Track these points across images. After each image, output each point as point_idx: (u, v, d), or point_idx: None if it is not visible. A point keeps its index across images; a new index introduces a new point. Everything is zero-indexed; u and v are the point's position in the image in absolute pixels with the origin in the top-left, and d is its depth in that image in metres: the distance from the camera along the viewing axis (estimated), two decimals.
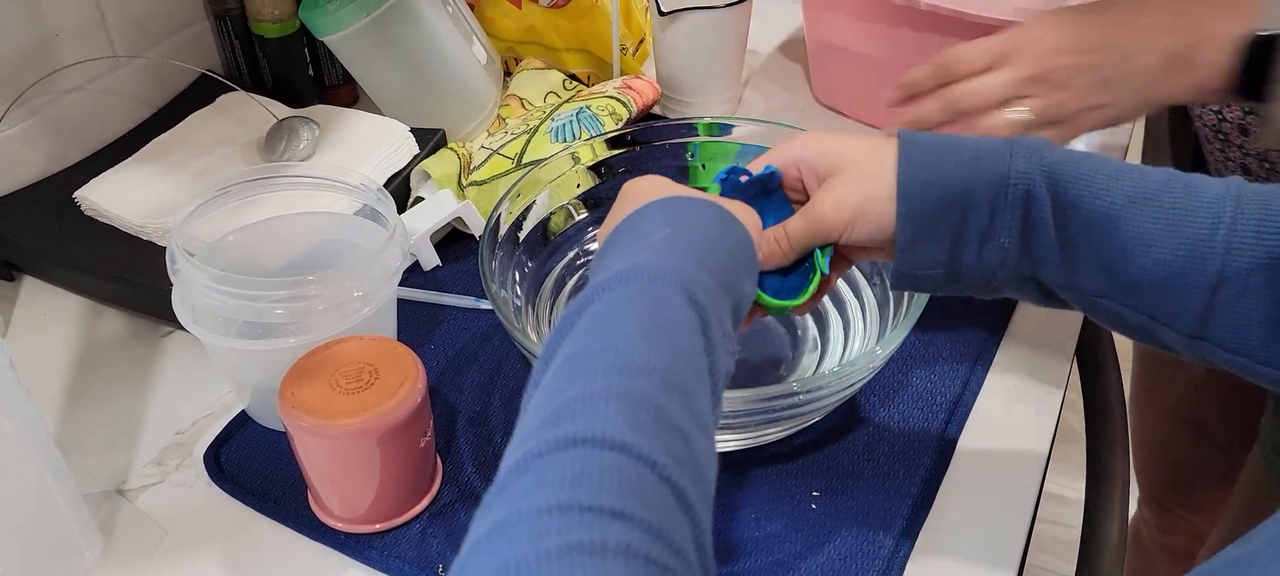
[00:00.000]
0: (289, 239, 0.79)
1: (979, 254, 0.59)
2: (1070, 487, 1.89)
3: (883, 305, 0.77)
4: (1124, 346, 0.95)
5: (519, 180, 0.80)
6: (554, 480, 0.39)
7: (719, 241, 0.55)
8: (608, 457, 0.40)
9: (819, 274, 0.64)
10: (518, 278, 0.80)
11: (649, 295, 0.49)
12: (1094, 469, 0.88)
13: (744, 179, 0.65)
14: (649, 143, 0.86)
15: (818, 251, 0.64)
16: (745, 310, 0.56)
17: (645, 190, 0.60)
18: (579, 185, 0.85)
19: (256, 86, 1.08)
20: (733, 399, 0.64)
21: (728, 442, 0.70)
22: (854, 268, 0.80)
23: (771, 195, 0.65)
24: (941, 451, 0.74)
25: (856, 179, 0.61)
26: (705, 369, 0.48)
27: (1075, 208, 0.57)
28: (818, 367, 0.78)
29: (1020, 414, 0.77)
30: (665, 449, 0.41)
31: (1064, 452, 1.15)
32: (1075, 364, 0.89)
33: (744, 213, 0.61)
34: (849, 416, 0.76)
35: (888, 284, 0.77)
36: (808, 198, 0.64)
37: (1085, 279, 0.59)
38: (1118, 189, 0.57)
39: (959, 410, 0.77)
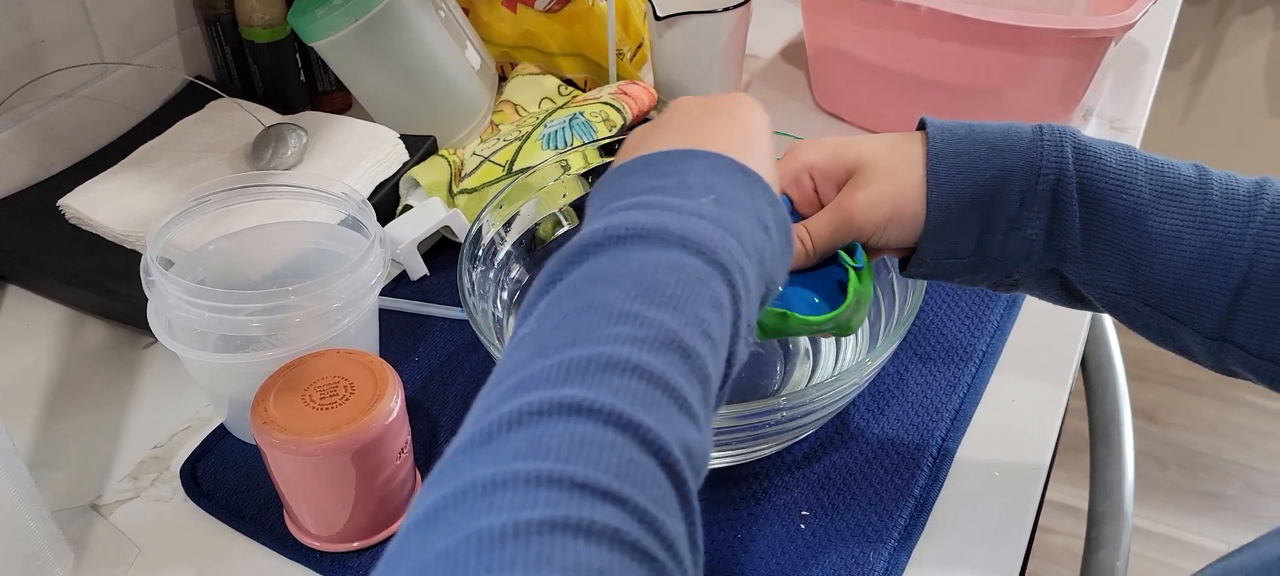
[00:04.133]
0: (271, 248, 0.78)
1: (1004, 244, 0.58)
2: (1077, 497, 1.87)
3: (874, 310, 0.75)
4: (1130, 355, 0.93)
5: (502, 189, 0.78)
6: (550, 447, 0.36)
7: (765, 221, 0.49)
8: (612, 435, 0.37)
9: (853, 277, 0.59)
10: (502, 288, 0.78)
11: (690, 267, 0.44)
12: (1098, 479, 0.86)
13: None
14: None
15: (842, 253, 0.60)
16: (774, 295, 0.51)
17: (695, 116, 0.55)
18: (565, 194, 0.83)
19: (247, 92, 1.07)
20: (716, 416, 0.62)
21: (713, 460, 0.68)
22: None
23: None
24: (938, 462, 0.71)
25: (887, 179, 0.59)
26: (724, 358, 0.44)
27: (1101, 200, 0.56)
28: (811, 379, 0.76)
29: (1021, 423, 0.75)
30: (676, 436, 0.38)
31: (1076, 461, 1.13)
32: (1081, 372, 0.87)
33: None
34: (841, 429, 0.73)
35: (897, 273, 0.74)
36: (821, 207, 0.61)
37: (1107, 274, 0.57)
38: (1146, 182, 0.55)
39: (958, 420, 0.74)
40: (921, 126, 0.60)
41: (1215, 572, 0.55)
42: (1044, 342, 0.81)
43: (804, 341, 0.78)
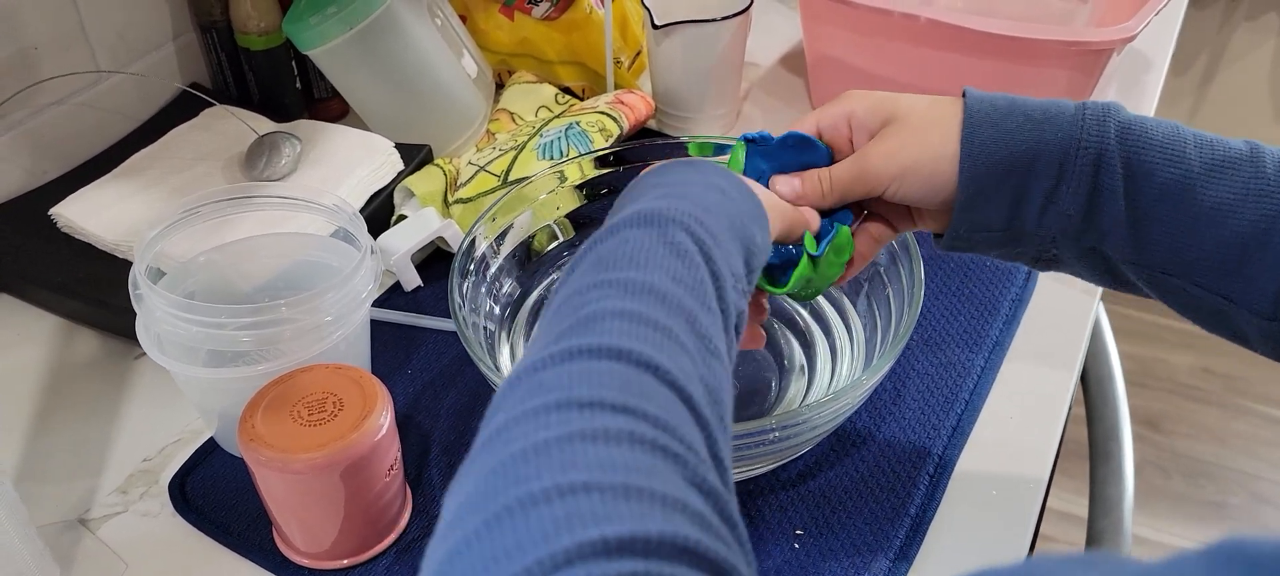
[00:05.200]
0: (262, 260, 0.77)
1: (1040, 218, 0.57)
2: (1076, 504, 1.86)
3: (870, 327, 0.74)
4: (1133, 363, 0.92)
5: (496, 201, 0.78)
6: (550, 385, 0.37)
7: (716, 189, 0.52)
8: (606, 364, 0.38)
9: (804, 261, 0.61)
10: (495, 301, 0.77)
11: (643, 235, 0.46)
12: (1098, 495, 0.85)
13: (762, 137, 0.63)
14: (633, 163, 0.83)
15: (808, 236, 0.61)
16: (761, 257, 0.53)
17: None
18: (559, 207, 0.82)
19: (243, 100, 1.06)
20: None
21: None
22: (840, 290, 0.77)
23: (805, 155, 0.63)
24: (936, 479, 0.70)
25: (913, 133, 0.58)
26: (712, 297, 0.45)
27: (1149, 176, 0.54)
28: (806, 394, 0.75)
29: (1020, 438, 0.74)
30: (669, 359, 0.39)
31: (1077, 469, 1.12)
32: (1081, 386, 0.86)
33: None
34: (836, 445, 0.73)
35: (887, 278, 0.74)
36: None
37: (1154, 253, 0.55)
38: (1196, 155, 0.54)
39: (955, 435, 0.73)
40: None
41: None
42: (1043, 356, 0.80)
43: (799, 356, 0.77)
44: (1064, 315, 0.84)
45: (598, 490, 0.32)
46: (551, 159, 0.91)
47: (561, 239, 0.83)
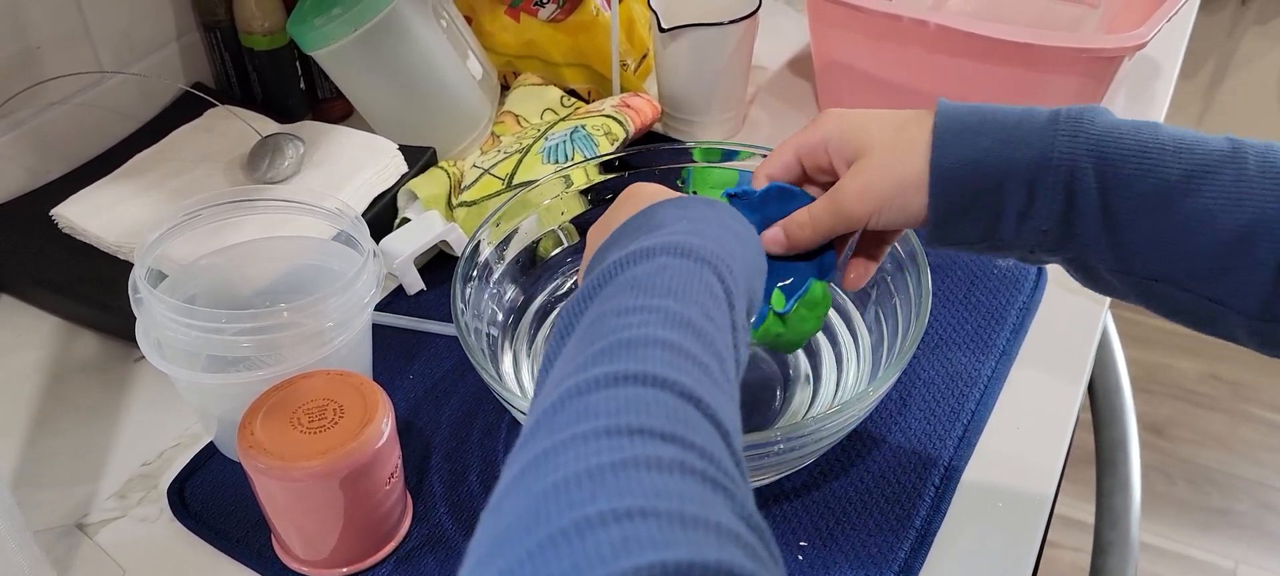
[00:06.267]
0: (264, 263, 0.76)
1: (1017, 232, 0.56)
2: (1083, 511, 1.85)
3: (877, 337, 0.74)
4: (1139, 369, 0.91)
5: (500, 206, 0.77)
6: (599, 410, 0.37)
7: (735, 236, 0.53)
8: (652, 392, 0.38)
9: (770, 318, 0.62)
10: (499, 305, 0.77)
11: (681, 266, 0.47)
12: (1104, 505, 0.85)
13: (744, 192, 0.63)
14: (638, 168, 0.82)
15: (778, 290, 0.63)
16: (755, 310, 0.54)
17: (653, 192, 0.58)
18: (563, 213, 0.81)
19: (247, 100, 1.06)
20: None
21: None
22: (847, 298, 0.77)
23: (787, 205, 0.63)
24: (941, 491, 0.70)
25: (885, 164, 0.58)
26: (730, 343, 0.45)
27: (1126, 187, 0.53)
28: (812, 404, 0.74)
29: (1026, 450, 0.73)
30: (708, 393, 0.40)
31: (1084, 475, 1.11)
32: (1088, 396, 0.85)
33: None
34: (841, 456, 0.72)
35: (880, 319, 0.73)
36: (834, 177, 0.61)
37: (1138, 261, 0.54)
38: (1174, 164, 0.53)
39: (962, 447, 0.73)
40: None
41: None
42: (1051, 365, 0.79)
43: (804, 366, 0.77)
44: (1073, 323, 0.83)
45: (654, 516, 0.32)
46: (556, 162, 0.91)
47: (566, 244, 0.83)
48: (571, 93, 1.08)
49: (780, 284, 0.63)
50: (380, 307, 0.85)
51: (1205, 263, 0.52)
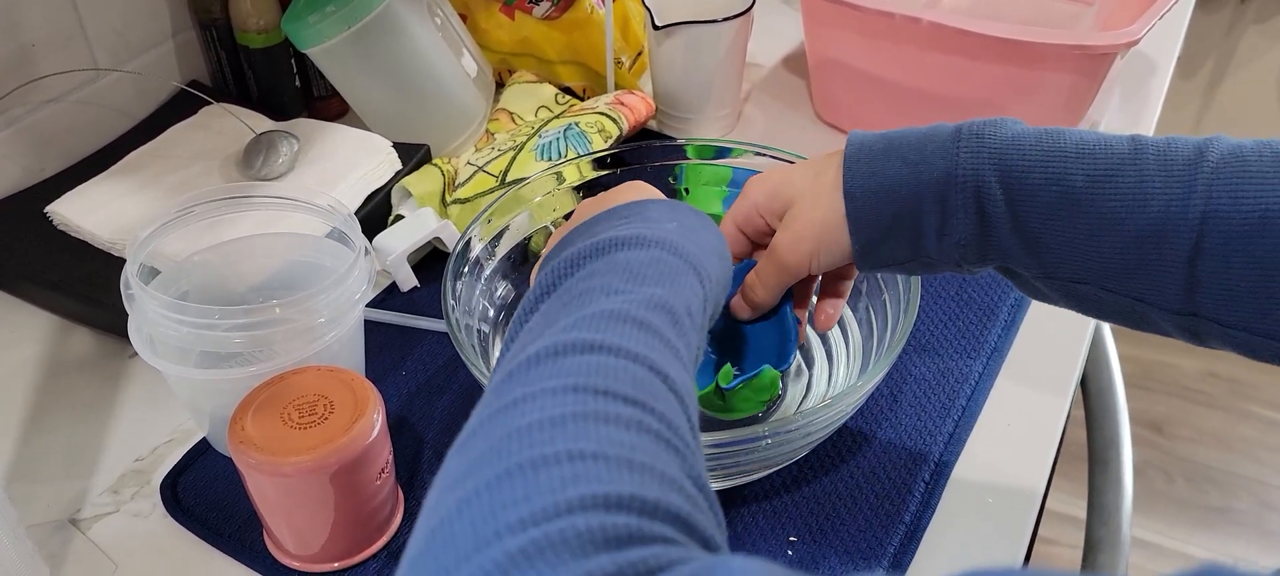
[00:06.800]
0: (257, 260, 0.77)
1: (939, 247, 0.58)
2: (1075, 506, 1.85)
3: (866, 332, 0.74)
4: (1137, 366, 0.91)
5: (492, 203, 0.77)
6: (569, 370, 0.40)
7: (714, 251, 0.55)
8: (623, 362, 0.41)
9: (711, 393, 0.65)
10: (490, 302, 0.77)
11: (668, 261, 0.50)
12: (1096, 503, 0.85)
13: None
14: (631, 165, 0.83)
15: (727, 365, 0.66)
16: (716, 314, 0.56)
17: (652, 193, 0.60)
18: (556, 209, 0.81)
19: (242, 97, 1.06)
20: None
21: None
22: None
23: (740, 272, 0.66)
24: (931, 486, 0.70)
25: (808, 210, 0.60)
26: (696, 346, 0.49)
27: (1031, 197, 0.54)
28: (802, 400, 0.75)
29: (1017, 446, 0.73)
30: (676, 373, 0.43)
31: (1078, 471, 1.11)
32: (1081, 393, 0.85)
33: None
34: (831, 450, 0.72)
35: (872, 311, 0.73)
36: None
37: (1056, 266, 0.55)
38: (1077, 169, 0.53)
39: (952, 442, 0.73)
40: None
41: None
42: (1042, 364, 0.79)
43: (797, 360, 0.77)
44: (1064, 321, 0.83)
45: (604, 459, 0.36)
46: (549, 160, 0.91)
47: None
48: (566, 90, 1.08)
49: (736, 362, 0.67)
50: (374, 304, 0.85)
51: (1120, 263, 0.53)
